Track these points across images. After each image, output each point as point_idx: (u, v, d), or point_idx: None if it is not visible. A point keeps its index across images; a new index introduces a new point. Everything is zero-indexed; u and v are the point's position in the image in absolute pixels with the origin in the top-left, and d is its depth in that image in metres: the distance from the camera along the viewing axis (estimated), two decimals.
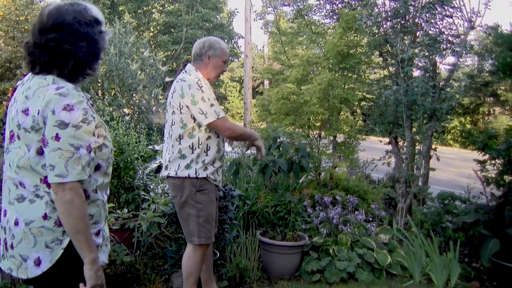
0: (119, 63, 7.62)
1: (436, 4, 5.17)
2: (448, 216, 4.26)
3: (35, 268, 1.54)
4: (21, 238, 1.55)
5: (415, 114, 5.06)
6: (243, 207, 4.37)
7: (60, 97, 1.47)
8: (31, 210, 1.54)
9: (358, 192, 5.02)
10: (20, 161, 1.54)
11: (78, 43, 1.55)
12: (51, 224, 1.54)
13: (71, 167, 1.47)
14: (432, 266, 3.71)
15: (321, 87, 4.86)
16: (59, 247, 1.55)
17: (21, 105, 1.53)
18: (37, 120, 1.48)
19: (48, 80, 1.53)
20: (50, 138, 1.46)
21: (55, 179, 1.47)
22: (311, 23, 6.13)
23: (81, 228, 1.50)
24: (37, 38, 1.55)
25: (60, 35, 1.53)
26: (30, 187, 1.55)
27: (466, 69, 6.35)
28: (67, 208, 1.48)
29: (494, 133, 4.41)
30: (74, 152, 1.48)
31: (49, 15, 1.55)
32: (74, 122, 1.48)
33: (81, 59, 1.57)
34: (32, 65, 1.58)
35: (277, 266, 3.87)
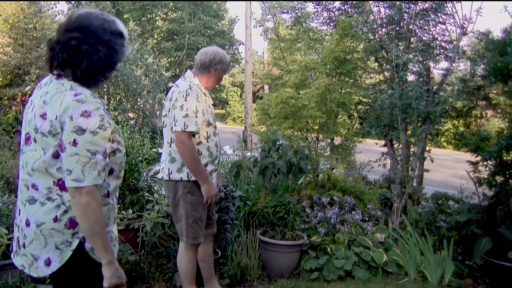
0: (124, 69, 7.77)
1: (429, 11, 5.30)
2: (442, 215, 4.34)
3: (45, 268, 1.59)
4: (32, 238, 1.59)
5: (409, 117, 5.17)
6: (243, 208, 4.46)
7: (78, 104, 1.50)
8: (42, 212, 1.57)
9: (355, 192, 5.10)
10: (35, 164, 1.56)
11: (98, 47, 1.57)
12: (61, 227, 1.57)
13: (87, 172, 1.50)
14: (427, 264, 3.82)
15: (319, 91, 4.95)
16: (68, 248, 1.58)
17: (39, 110, 1.56)
18: (54, 125, 1.51)
19: (66, 86, 1.57)
20: (68, 143, 1.49)
21: (72, 183, 1.49)
22: (309, 30, 6.25)
23: (97, 231, 1.53)
24: (61, 35, 1.58)
25: (83, 36, 1.56)
26: (43, 189, 1.57)
27: (459, 74, 6.46)
28: (84, 211, 1.50)
29: (486, 135, 4.50)
30: (91, 157, 1.51)
31: (78, 17, 1.60)
32: (91, 128, 1.50)
33: (94, 63, 1.58)
34: (51, 62, 1.61)
35: (276, 264, 3.98)
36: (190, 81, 2.91)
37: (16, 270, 3.20)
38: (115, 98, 7.63)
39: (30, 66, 11.68)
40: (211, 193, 2.85)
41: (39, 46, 12.41)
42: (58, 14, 17.04)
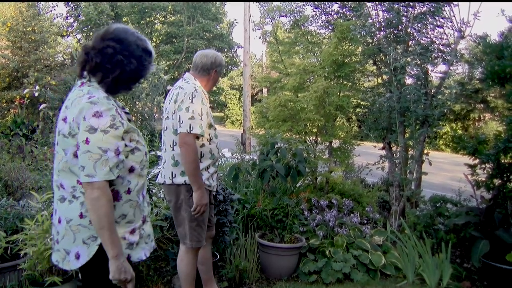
0: None
1: (427, 14, 5.34)
2: (440, 218, 4.35)
3: (75, 261, 1.71)
4: (64, 234, 1.72)
5: (407, 120, 5.19)
6: (242, 211, 4.46)
7: (90, 105, 1.64)
8: (70, 210, 1.70)
9: (353, 195, 5.11)
10: (60, 164, 1.72)
11: (131, 59, 1.74)
12: (86, 222, 1.69)
13: (99, 168, 1.61)
14: (425, 267, 3.82)
15: (317, 94, 4.97)
16: (94, 243, 1.69)
17: (61, 114, 1.73)
18: (73, 126, 1.65)
19: (84, 91, 1.71)
20: (81, 142, 1.62)
21: (84, 178, 1.61)
22: (307, 33, 6.27)
23: (105, 225, 1.62)
24: (97, 42, 1.74)
25: (119, 47, 1.73)
26: (69, 188, 1.71)
27: (457, 77, 6.50)
28: (94, 205, 1.61)
29: (484, 138, 4.52)
30: (102, 154, 1.62)
31: (116, 29, 1.77)
32: (102, 127, 1.63)
33: (126, 73, 1.75)
34: (83, 65, 1.75)
35: (275, 267, 3.98)
36: (194, 84, 2.92)
37: (15, 273, 3.20)
38: None
39: (29, 69, 11.68)
40: (202, 202, 2.83)
41: (38, 49, 12.43)
42: (56, 17, 17.07)
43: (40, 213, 3.21)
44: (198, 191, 2.81)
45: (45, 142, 6.68)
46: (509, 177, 4.12)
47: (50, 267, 3.01)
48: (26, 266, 3.01)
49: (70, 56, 12.64)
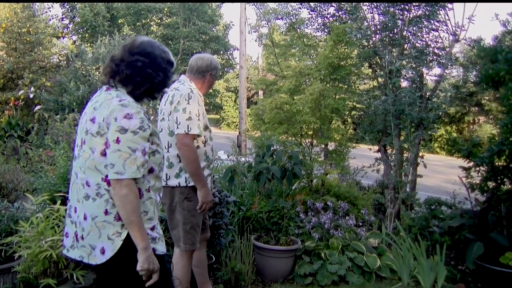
0: None
1: (423, 18, 5.37)
2: (435, 220, 4.37)
3: (101, 256, 1.79)
4: (89, 230, 1.80)
5: (403, 123, 5.21)
6: (238, 213, 4.46)
7: (122, 107, 1.76)
8: (95, 207, 1.79)
9: (348, 198, 5.13)
10: (86, 162, 1.80)
11: (158, 72, 1.88)
12: (111, 219, 1.78)
13: (127, 166, 1.71)
14: (420, 269, 3.83)
15: (313, 97, 4.99)
16: (119, 238, 1.78)
17: (89, 115, 1.83)
18: (102, 126, 1.76)
19: (112, 95, 1.83)
20: (112, 141, 1.73)
21: (114, 175, 1.71)
22: (303, 36, 6.29)
23: (134, 219, 1.73)
24: (125, 55, 1.86)
25: (147, 60, 1.86)
26: (93, 185, 1.79)
27: (452, 80, 6.55)
28: (123, 201, 1.72)
29: (479, 141, 4.55)
30: (131, 153, 1.73)
31: (142, 43, 1.90)
32: (132, 128, 1.74)
33: (155, 85, 1.90)
34: (112, 75, 1.87)
35: (271, 269, 3.99)
36: (190, 85, 2.93)
37: (9, 276, 3.18)
38: None
39: (24, 70, 11.63)
40: (207, 199, 2.86)
41: (33, 50, 12.37)
42: (52, 18, 17.01)
43: (34, 215, 3.20)
44: (203, 189, 2.84)
45: (40, 143, 6.65)
46: (503, 179, 4.15)
47: (44, 269, 3.00)
48: (20, 269, 3.00)
49: (66, 57, 12.60)
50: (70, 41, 19.35)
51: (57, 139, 5.73)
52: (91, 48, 11.57)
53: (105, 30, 16.88)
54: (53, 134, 6.23)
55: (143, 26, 20.52)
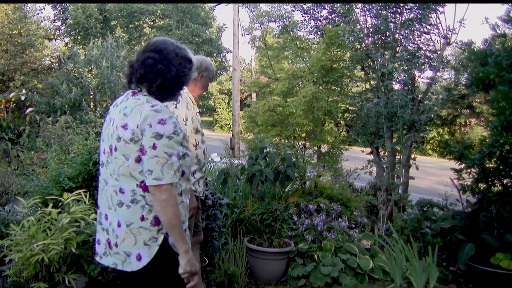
0: (111, 76, 7.77)
1: (414, 21, 5.42)
2: (427, 222, 4.40)
3: (137, 263, 1.79)
4: (123, 237, 1.80)
5: (395, 126, 5.25)
6: (231, 215, 4.46)
7: (155, 113, 1.75)
8: (130, 213, 1.79)
9: (341, 200, 5.14)
10: (120, 169, 1.79)
11: (170, 67, 1.85)
12: (147, 225, 1.78)
13: (165, 171, 1.72)
14: (412, 270, 3.85)
15: (306, 99, 5.00)
16: (155, 244, 1.79)
17: (120, 122, 1.81)
18: (136, 133, 1.75)
19: (142, 100, 1.83)
20: (148, 147, 1.73)
21: (153, 182, 1.72)
22: (296, 39, 6.30)
23: (175, 223, 1.75)
24: (139, 55, 1.87)
25: (158, 56, 1.84)
26: (128, 192, 1.78)
27: (443, 83, 6.62)
28: (164, 206, 1.73)
29: (470, 143, 4.59)
30: (168, 159, 1.73)
31: (156, 41, 1.90)
32: (167, 133, 1.74)
33: (168, 80, 1.85)
34: (130, 78, 1.89)
35: (264, 272, 3.99)
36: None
37: None
38: (102, 105, 7.60)
39: (15, 72, 11.53)
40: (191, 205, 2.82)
41: (24, 52, 12.27)
42: (43, 20, 16.90)
43: (26, 218, 3.17)
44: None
45: (31, 146, 6.60)
46: (493, 181, 4.19)
47: (36, 273, 2.97)
48: (11, 273, 2.97)
49: (58, 59, 12.52)
50: (62, 43, 19.22)
51: (49, 142, 5.70)
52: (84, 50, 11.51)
53: (97, 32, 16.80)
54: (45, 136, 6.19)
55: (136, 28, 20.47)
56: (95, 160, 3.95)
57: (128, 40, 19.47)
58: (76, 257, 3.27)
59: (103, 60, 8.20)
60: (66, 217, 3.13)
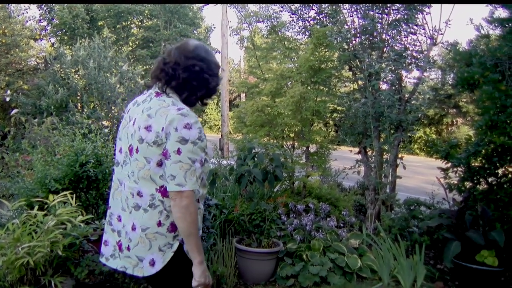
0: (98, 76, 7.68)
1: (401, 21, 5.48)
2: (414, 221, 4.45)
3: (150, 268, 1.74)
4: (137, 241, 1.74)
5: (382, 125, 5.28)
6: (219, 216, 4.45)
7: (182, 117, 1.69)
8: (146, 218, 1.74)
9: (330, 199, 5.16)
10: (140, 172, 1.73)
11: (213, 77, 1.85)
12: (164, 230, 1.74)
13: (188, 177, 1.67)
14: (400, 269, 3.88)
15: (294, 100, 5.01)
16: (170, 250, 1.75)
17: (143, 123, 1.73)
18: (160, 136, 1.69)
19: (167, 102, 1.76)
20: (173, 152, 1.67)
21: (175, 187, 1.66)
22: (284, 39, 6.33)
23: (193, 232, 1.70)
24: (181, 59, 1.78)
25: (205, 66, 1.81)
26: (147, 195, 1.73)
27: (430, 83, 6.69)
28: (184, 213, 1.67)
29: (456, 142, 4.65)
30: (191, 165, 1.68)
31: (197, 47, 1.83)
32: (192, 138, 1.69)
33: (210, 90, 1.86)
34: (168, 79, 1.79)
35: (253, 272, 3.98)
36: None
37: None
38: (89, 106, 7.51)
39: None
40: None
41: (9, 52, 12.10)
42: (29, 19, 16.66)
43: (10, 221, 3.12)
44: None
45: (16, 148, 6.50)
46: (479, 179, 4.25)
47: (21, 276, 2.93)
48: None
49: (44, 60, 12.35)
50: (48, 43, 18.99)
51: (35, 143, 5.62)
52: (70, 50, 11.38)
53: (84, 32, 16.59)
54: (31, 138, 6.10)
55: (123, 28, 20.27)
56: (81, 162, 3.92)
57: (116, 40, 19.27)
58: (62, 260, 3.23)
59: (90, 60, 8.10)
60: (52, 219, 3.09)
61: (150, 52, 19.40)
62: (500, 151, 4.00)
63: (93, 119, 7.14)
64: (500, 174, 4.16)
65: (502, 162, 4.05)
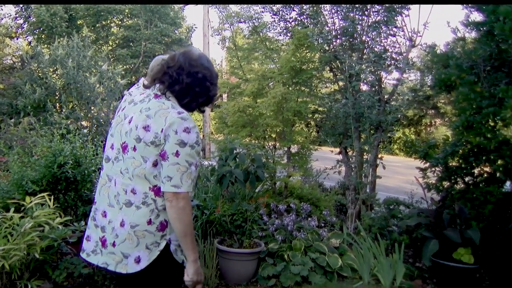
0: (77, 76, 7.56)
1: (381, 23, 5.56)
2: (393, 220, 4.51)
3: (134, 265, 1.75)
4: (125, 238, 1.75)
5: (362, 126, 5.35)
6: (201, 217, 4.42)
7: (182, 121, 1.74)
8: (138, 215, 1.75)
9: (311, 199, 5.19)
10: (136, 170, 1.76)
11: (214, 86, 1.91)
12: (153, 229, 1.76)
13: (185, 180, 1.71)
14: (380, 267, 3.93)
15: (276, 100, 5.03)
16: (156, 248, 1.76)
17: (141, 122, 1.76)
18: (159, 137, 1.72)
19: (166, 104, 1.80)
20: (171, 154, 1.71)
21: (171, 188, 1.70)
22: (266, 40, 6.34)
23: (189, 232, 1.75)
24: (186, 65, 1.82)
25: (208, 74, 1.87)
26: (140, 193, 1.76)
27: (409, 84, 6.79)
28: (180, 214, 1.71)
29: (434, 142, 4.74)
30: (188, 167, 1.72)
31: (200, 57, 1.89)
32: (191, 142, 1.73)
33: (210, 98, 1.92)
34: (171, 83, 1.83)
35: (234, 273, 3.97)
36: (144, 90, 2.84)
37: None
38: (68, 106, 7.39)
39: None
40: None
41: None
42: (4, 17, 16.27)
43: None
44: None
45: None
46: (456, 179, 4.33)
47: None
48: None
49: (20, 59, 12.08)
50: (25, 42, 18.57)
51: (11, 144, 5.49)
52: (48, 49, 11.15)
53: (63, 31, 16.26)
54: (7, 138, 5.96)
55: (103, 27, 19.97)
56: (60, 163, 3.85)
57: (95, 39, 18.96)
58: (40, 263, 3.17)
59: (69, 60, 7.96)
60: (29, 221, 3.03)
61: (130, 51, 19.17)
62: (476, 151, 4.09)
63: (72, 119, 7.03)
64: (476, 174, 4.25)
65: (478, 162, 4.14)
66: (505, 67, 3.97)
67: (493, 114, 3.67)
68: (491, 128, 3.84)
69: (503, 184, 4.12)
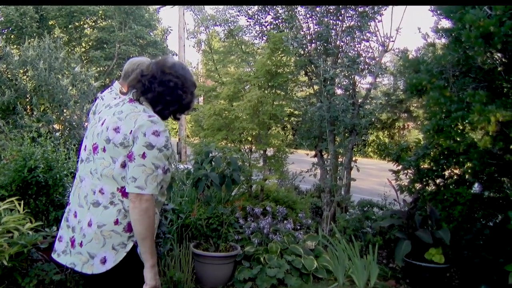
0: (49, 78, 7.35)
1: (355, 28, 5.66)
2: (367, 222, 4.58)
3: (100, 266, 1.75)
4: (91, 238, 1.76)
5: (337, 129, 5.43)
6: (176, 221, 4.38)
7: (151, 124, 1.76)
8: (105, 215, 1.76)
9: (287, 202, 5.22)
10: (104, 170, 1.78)
11: (188, 95, 1.92)
12: (120, 229, 1.76)
13: (149, 182, 1.72)
14: (354, 269, 3.99)
15: (251, 103, 5.04)
16: (123, 250, 1.76)
17: (112, 124, 1.80)
18: (127, 138, 1.75)
19: (139, 108, 1.83)
20: (138, 155, 1.72)
21: (135, 189, 1.71)
22: (241, 43, 6.37)
23: (148, 235, 1.73)
24: (158, 73, 1.86)
25: (180, 82, 1.88)
26: (108, 193, 1.77)
27: (383, 88, 6.93)
28: (141, 216, 1.71)
29: (406, 145, 4.85)
30: (154, 170, 1.73)
31: (175, 65, 1.91)
32: (159, 145, 1.75)
33: (183, 106, 1.93)
34: (144, 91, 1.86)
35: (210, 276, 3.95)
36: (117, 94, 2.74)
37: None
38: (39, 109, 7.18)
39: None
40: None
41: None
42: None
43: None
44: None
45: None
46: (427, 181, 4.44)
47: None
48: None
49: None
50: None
51: None
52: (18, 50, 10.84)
53: (33, 31, 15.82)
54: None
55: (75, 28, 19.56)
56: (30, 167, 3.74)
57: (68, 41, 18.56)
58: (8, 270, 3.06)
59: (40, 61, 7.74)
60: None
61: (104, 53, 18.83)
62: (446, 154, 4.20)
63: (43, 122, 6.84)
64: (447, 176, 4.37)
65: (448, 164, 4.25)
66: (472, 72, 4.10)
67: (461, 118, 3.78)
68: (460, 132, 3.95)
69: (472, 185, 4.24)
